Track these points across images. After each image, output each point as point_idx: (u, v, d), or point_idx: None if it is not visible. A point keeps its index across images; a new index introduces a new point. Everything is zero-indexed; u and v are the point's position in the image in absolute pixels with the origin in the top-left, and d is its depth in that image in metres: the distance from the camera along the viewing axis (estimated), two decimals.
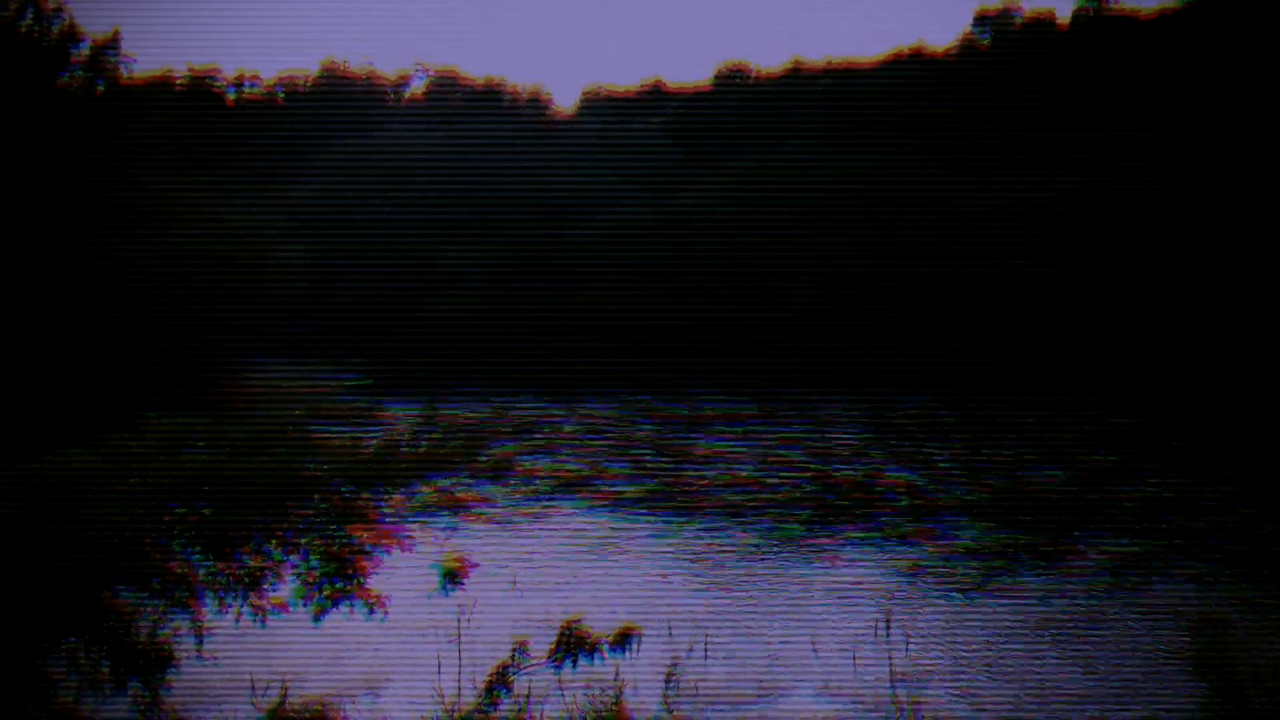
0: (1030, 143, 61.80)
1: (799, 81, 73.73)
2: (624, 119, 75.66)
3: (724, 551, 22.27)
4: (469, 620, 15.89)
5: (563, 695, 11.35)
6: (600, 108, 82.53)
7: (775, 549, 22.42)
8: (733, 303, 57.63)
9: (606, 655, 9.48)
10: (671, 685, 14.41)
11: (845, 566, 21.04)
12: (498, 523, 24.88)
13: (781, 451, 34.02)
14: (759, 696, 14.91)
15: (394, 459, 9.35)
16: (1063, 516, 24.92)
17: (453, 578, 9.76)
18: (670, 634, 16.71)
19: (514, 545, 22.88)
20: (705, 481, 29.50)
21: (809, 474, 30.39)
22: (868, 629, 17.03)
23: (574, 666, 9.45)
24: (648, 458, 33.98)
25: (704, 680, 15.04)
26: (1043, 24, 73.67)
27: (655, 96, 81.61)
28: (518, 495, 27.41)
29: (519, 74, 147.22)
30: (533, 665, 9.43)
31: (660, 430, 39.80)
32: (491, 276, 61.52)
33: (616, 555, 22.09)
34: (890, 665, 15.58)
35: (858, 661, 15.94)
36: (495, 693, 9.41)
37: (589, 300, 58.94)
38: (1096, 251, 54.71)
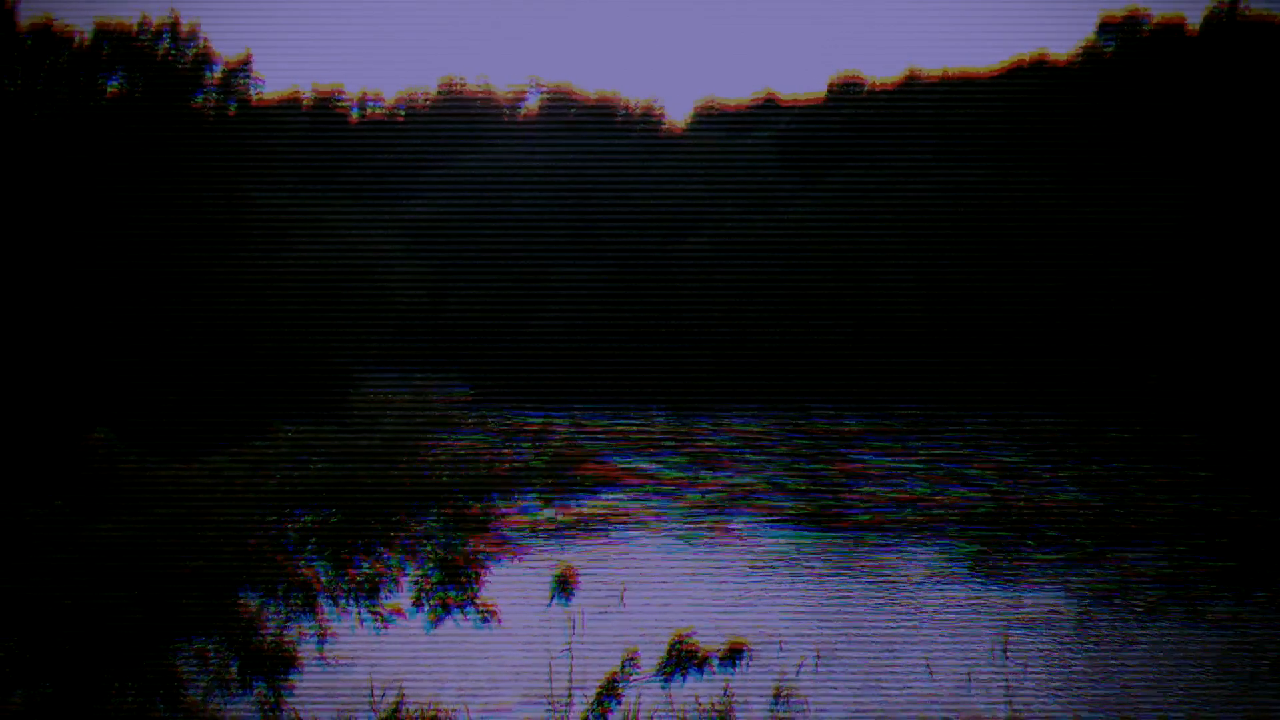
0: (1159, 155, 59.92)
1: (914, 93, 72.76)
2: (736, 132, 75.57)
3: (902, 570, 21.79)
4: (581, 633, 15.98)
5: (671, 708, 11.36)
6: (712, 121, 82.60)
7: (951, 569, 21.89)
8: (848, 318, 57.02)
9: (716, 670, 9.49)
10: (781, 704, 14.29)
11: (1029, 589, 20.35)
12: (623, 534, 24.96)
13: (942, 469, 33.20)
14: None
15: (514, 470, 9.50)
16: (1255, 542, 23.70)
17: (564, 588, 9.87)
18: (779, 651, 16.57)
19: (645, 559, 22.85)
20: (875, 499, 28.81)
21: (982, 493, 29.43)
22: (1035, 657, 16.46)
23: (683, 680, 9.48)
24: (807, 473, 33.36)
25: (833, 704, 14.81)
26: (1171, 30, 71.43)
27: (768, 109, 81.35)
28: (671, 509, 27.35)
29: (633, 89, 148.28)
30: (642, 678, 9.48)
31: (804, 445, 39.13)
32: (602, 290, 61.98)
33: (799, 574, 21.78)
34: (1008, 693, 15.21)
35: (973, 689, 15.60)
36: (605, 703, 9.48)
37: (698, 314, 58.92)
38: (1237, 268, 52.74)
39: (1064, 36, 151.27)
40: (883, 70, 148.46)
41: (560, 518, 25.00)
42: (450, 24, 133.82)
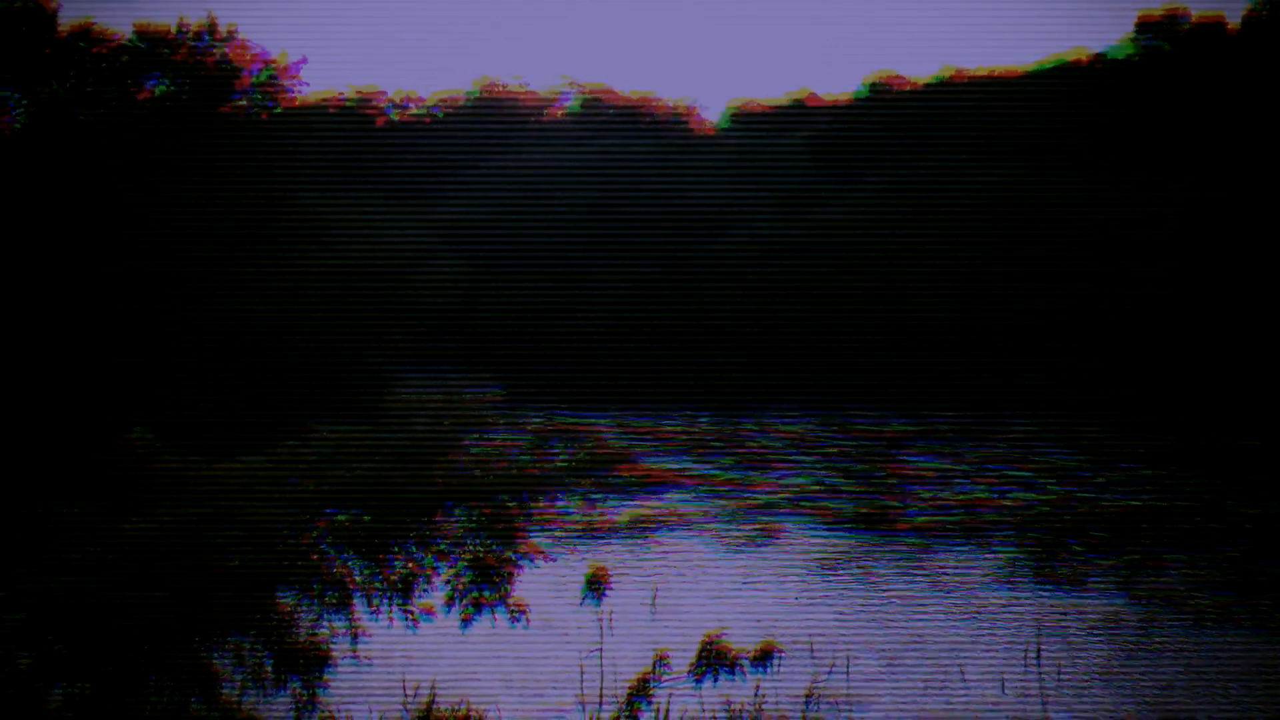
0: (1199, 155, 59.20)
1: (950, 92, 72.28)
2: (771, 133, 75.39)
3: (949, 574, 21.56)
4: (614, 634, 15.99)
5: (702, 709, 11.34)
6: (747, 122, 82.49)
7: (998, 573, 21.64)
8: (885, 319, 56.74)
9: (748, 672, 9.48)
10: (812, 705, 14.24)
11: (1081, 595, 20.03)
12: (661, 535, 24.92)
13: (982, 470, 32.76)
14: None
15: (548, 471, 9.53)
16: None
17: (595, 589, 9.89)
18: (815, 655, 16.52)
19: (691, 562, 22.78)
20: (915, 501, 28.50)
21: (1027, 496, 28.97)
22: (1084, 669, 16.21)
23: (714, 682, 9.48)
24: (846, 475, 33.01)
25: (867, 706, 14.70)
26: (1211, 29, 70.55)
27: (803, 109, 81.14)
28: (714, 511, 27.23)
29: (668, 89, 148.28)
30: (673, 678, 9.48)
31: (843, 447, 38.77)
32: (636, 290, 62.00)
33: (837, 578, 21.63)
34: (1043, 699, 15.06)
35: (1006, 692, 15.47)
36: (635, 704, 9.50)
37: (733, 314, 58.84)
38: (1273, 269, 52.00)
39: (1103, 36, 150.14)
40: (919, 70, 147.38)
41: (595, 518, 25.01)
42: (487, 26, 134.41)
